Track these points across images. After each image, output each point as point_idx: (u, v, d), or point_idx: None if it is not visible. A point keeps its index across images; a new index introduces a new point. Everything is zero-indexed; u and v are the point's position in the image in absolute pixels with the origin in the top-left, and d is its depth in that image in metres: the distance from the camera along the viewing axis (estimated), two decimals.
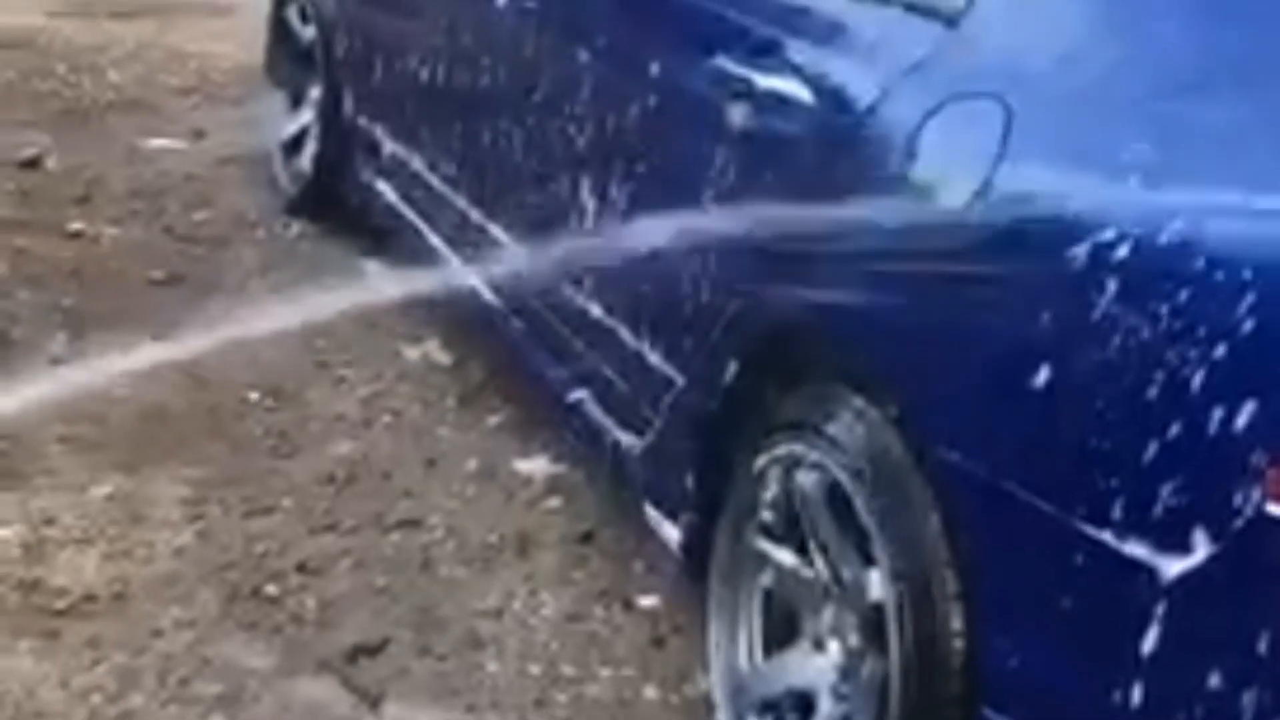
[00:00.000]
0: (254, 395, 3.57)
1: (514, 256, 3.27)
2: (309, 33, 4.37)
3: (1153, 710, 1.79)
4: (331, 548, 3.04)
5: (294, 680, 2.66)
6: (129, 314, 3.87)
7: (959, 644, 2.04)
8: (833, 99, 2.34)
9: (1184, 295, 1.76)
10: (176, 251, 4.30)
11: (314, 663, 2.71)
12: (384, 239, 4.08)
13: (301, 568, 2.96)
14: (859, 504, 2.19)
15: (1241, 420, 1.69)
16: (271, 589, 2.89)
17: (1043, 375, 1.88)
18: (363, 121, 4.08)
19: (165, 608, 2.81)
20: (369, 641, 2.76)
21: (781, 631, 2.42)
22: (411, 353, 3.82)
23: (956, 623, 2.05)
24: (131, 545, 2.98)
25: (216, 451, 3.33)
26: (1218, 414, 1.70)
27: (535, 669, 2.74)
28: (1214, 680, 1.74)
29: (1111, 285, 1.82)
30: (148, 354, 3.67)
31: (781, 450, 2.36)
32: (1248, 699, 1.71)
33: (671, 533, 2.67)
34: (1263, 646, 1.70)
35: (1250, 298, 1.70)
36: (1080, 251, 1.85)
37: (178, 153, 5.02)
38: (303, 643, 2.76)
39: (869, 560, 2.18)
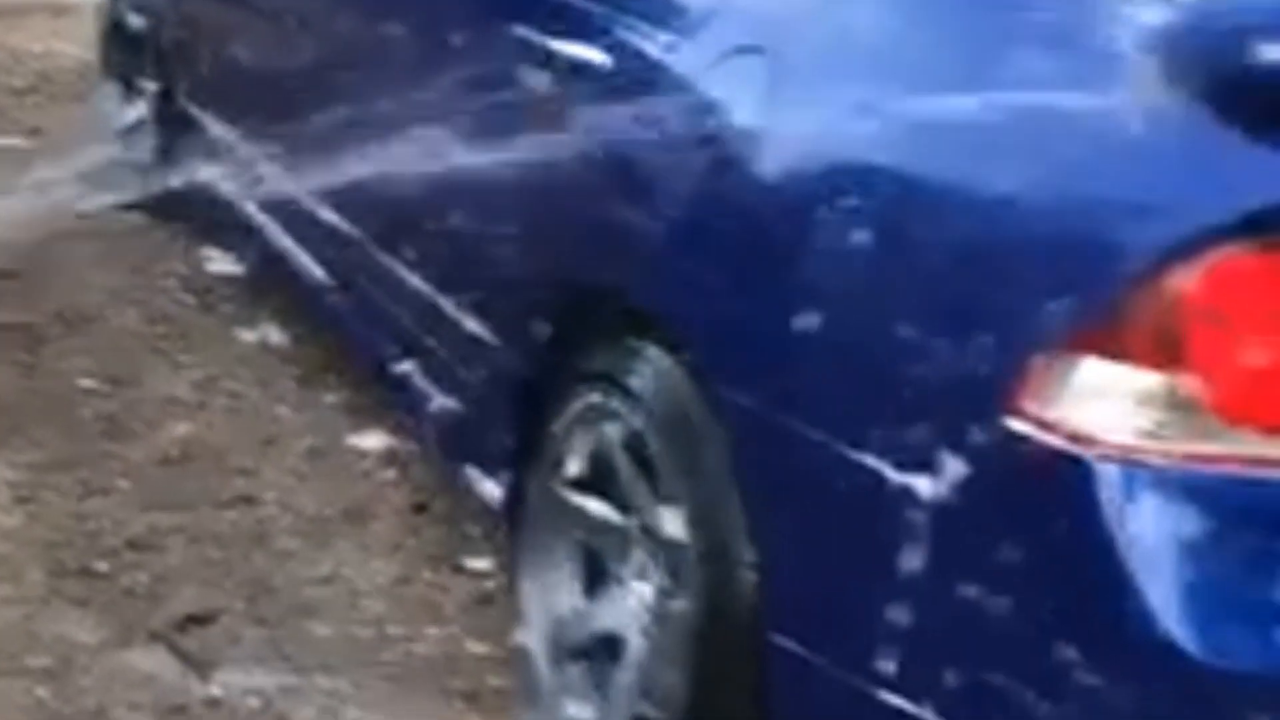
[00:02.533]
0: (89, 382, 3.58)
1: (340, 234, 3.33)
2: (139, 23, 4.39)
3: (919, 625, 1.89)
4: (164, 525, 3.07)
5: (124, 652, 2.70)
6: None
7: (750, 575, 2.13)
8: (623, 60, 2.42)
9: (925, 231, 1.87)
10: (12, 247, 4.29)
11: (144, 634, 2.75)
12: (219, 225, 4.11)
13: (133, 545, 2.99)
14: (656, 449, 2.28)
15: (978, 342, 1.80)
16: (102, 565, 2.92)
17: (807, 311, 1.98)
18: (194, 109, 4.11)
19: None
20: (200, 612, 2.81)
21: (593, 579, 2.50)
22: (249, 336, 3.85)
23: (748, 555, 2.13)
24: None
25: (49, 437, 3.35)
26: (957, 337, 1.81)
27: (364, 632, 2.81)
28: (971, 592, 1.83)
29: (865, 225, 1.92)
30: None
31: (586, 403, 2.44)
32: (1004, 606, 1.81)
33: (492, 492, 2.74)
34: (1013, 554, 1.80)
35: (982, 227, 1.82)
36: (838, 194, 1.96)
37: (16, 151, 5.00)
38: (133, 616, 2.79)
39: (667, 502, 2.27)
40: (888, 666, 1.91)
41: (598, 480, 2.46)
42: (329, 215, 3.38)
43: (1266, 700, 1.70)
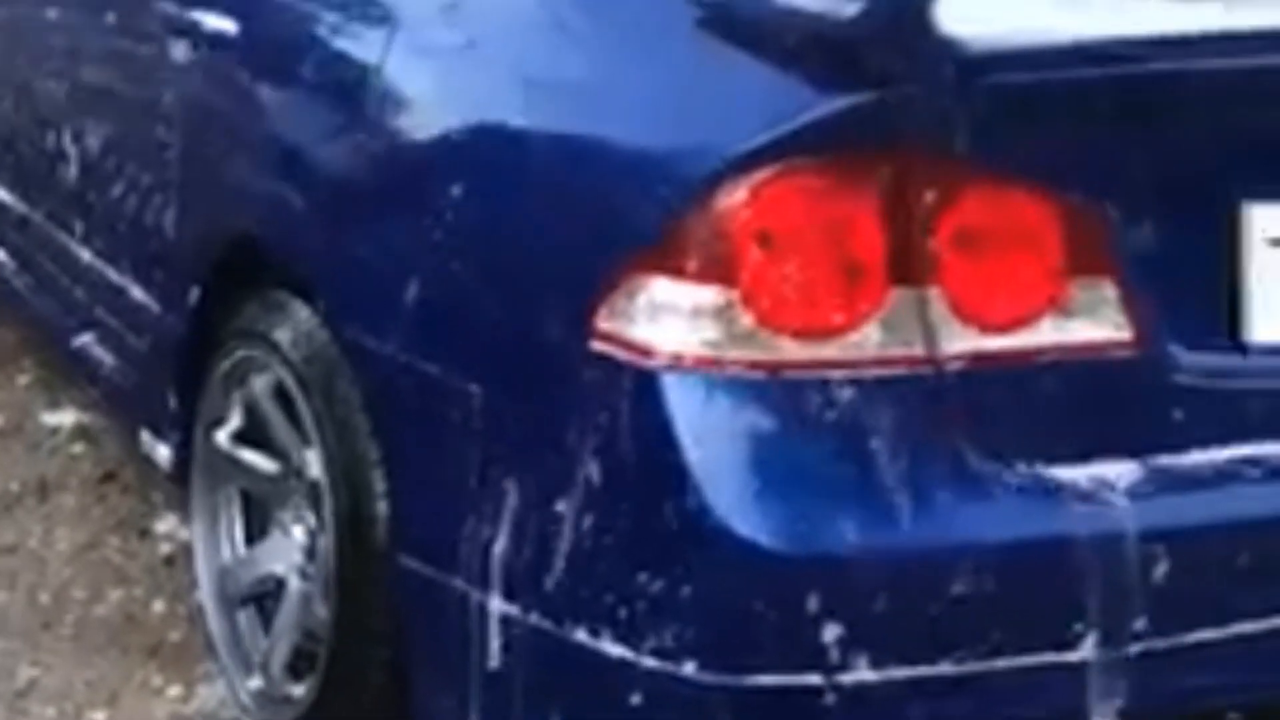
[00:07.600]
0: None
1: (17, 215, 3.38)
2: None
3: (521, 539, 2.03)
4: None
5: None
6: None
7: (382, 505, 2.26)
8: (249, 26, 2.53)
9: (515, 173, 2.04)
10: None
11: None
12: None
13: None
14: (296, 395, 2.40)
15: (562, 271, 1.97)
16: None
17: (416, 255, 2.13)
18: None
19: None
20: None
21: (257, 528, 2.61)
22: None
23: (380, 486, 2.26)
24: None
25: None
26: (543, 268, 1.99)
27: (45, 597, 2.88)
28: (562, 505, 1.97)
29: (461, 173, 2.09)
30: None
31: (237, 359, 2.55)
32: (592, 515, 1.96)
33: (163, 453, 2.83)
34: (596, 466, 1.95)
35: (560, 166, 1.99)
36: (434, 150, 2.12)
37: None
38: None
39: (310, 445, 2.39)
40: (498, 578, 2.06)
41: (254, 432, 2.57)
42: (5, 198, 3.43)
43: (821, 576, 1.88)
